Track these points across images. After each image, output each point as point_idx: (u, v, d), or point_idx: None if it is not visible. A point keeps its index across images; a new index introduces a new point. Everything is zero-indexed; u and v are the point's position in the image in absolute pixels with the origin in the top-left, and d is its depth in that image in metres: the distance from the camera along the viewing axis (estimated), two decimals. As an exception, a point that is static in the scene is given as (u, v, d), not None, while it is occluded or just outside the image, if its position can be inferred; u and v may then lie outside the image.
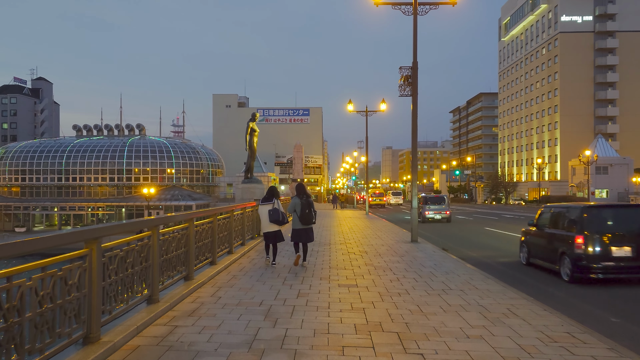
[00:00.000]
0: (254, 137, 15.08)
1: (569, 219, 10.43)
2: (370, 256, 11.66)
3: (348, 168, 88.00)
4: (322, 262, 10.58)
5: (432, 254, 12.30)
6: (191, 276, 7.68)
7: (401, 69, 15.16)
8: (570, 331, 5.57)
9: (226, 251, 10.46)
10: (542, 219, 11.71)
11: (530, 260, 11.98)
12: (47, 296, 3.85)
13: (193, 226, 7.67)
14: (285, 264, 10.23)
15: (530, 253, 11.98)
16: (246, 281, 8.30)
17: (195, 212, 8.08)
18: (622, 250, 9.54)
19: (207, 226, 8.82)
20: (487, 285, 8.28)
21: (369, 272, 9.43)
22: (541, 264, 11.35)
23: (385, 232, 19.05)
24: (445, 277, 8.99)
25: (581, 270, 9.59)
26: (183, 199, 63.17)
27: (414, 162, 15.51)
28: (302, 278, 8.69)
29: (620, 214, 10.70)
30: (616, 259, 9.53)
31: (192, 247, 7.67)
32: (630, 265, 9.57)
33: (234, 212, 11.07)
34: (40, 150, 70.34)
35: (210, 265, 9.03)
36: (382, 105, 32.89)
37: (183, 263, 7.42)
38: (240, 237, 12.11)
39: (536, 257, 11.65)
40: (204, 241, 8.63)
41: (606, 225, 10.01)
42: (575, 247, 9.69)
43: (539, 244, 11.60)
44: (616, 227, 10.01)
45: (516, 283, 9.18)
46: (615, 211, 11.00)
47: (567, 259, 9.95)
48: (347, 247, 13.59)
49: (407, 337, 5.27)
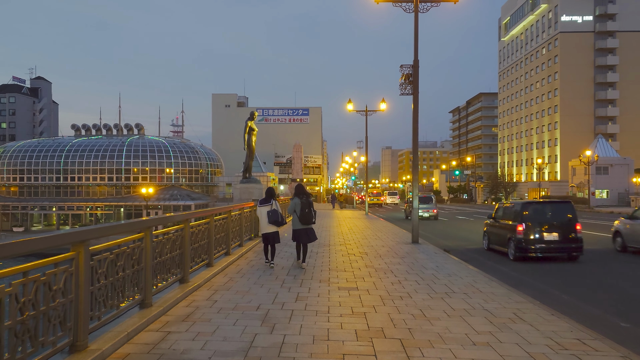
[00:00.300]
0: (252, 136, 14.83)
1: (514, 212, 13.23)
2: (370, 258, 11.43)
3: (347, 168, 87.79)
4: (321, 264, 10.34)
5: (433, 255, 12.07)
6: (186, 279, 7.44)
7: (402, 67, 14.92)
8: (581, 337, 5.34)
9: (223, 252, 10.22)
10: (497, 214, 14.56)
11: (490, 246, 14.89)
12: (28, 303, 3.62)
13: (188, 227, 7.44)
14: (283, 266, 9.99)
15: (490, 240, 14.91)
16: (243, 284, 8.07)
17: (191, 213, 7.84)
18: (552, 236, 12.53)
19: (204, 227, 8.58)
20: (491, 288, 8.05)
21: (370, 274, 9.20)
22: (497, 248, 14.19)
23: (386, 232, 18.82)
24: (447, 279, 8.77)
25: (521, 251, 12.55)
26: (182, 198, 62.93)
27: (415, 162, 15.28)
28: (300, 281, 8.45)
29: (551, 208, 13.44)
30: (547, 242, 12.49)
31: (188, 248, 7.43)
32: (557, 246, 12.56)
33: (232, 213, 10.84)
34: (38, 149, 70.04)
35: (207, 267, 8.79)
36: (382, 105, 32.68)
37: (178, 265, 7.16)
38: (238, 238, 11.87)
39: (494, 243, 14.52)
40: (200, 242, 8.40)
41: (540, 217, 12.83)
42: (517, 233, 12.59)
43: (495, 233, 14.44)
44: (547, 218, 12.86)
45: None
46: (547, 206, 13.64)
47: (512, 243, 12.86)
48: (347, 248, 13.36)
49: (411, 344, 5.04)
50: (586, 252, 13.22)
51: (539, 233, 12.43)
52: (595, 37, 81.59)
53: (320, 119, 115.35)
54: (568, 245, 12.53)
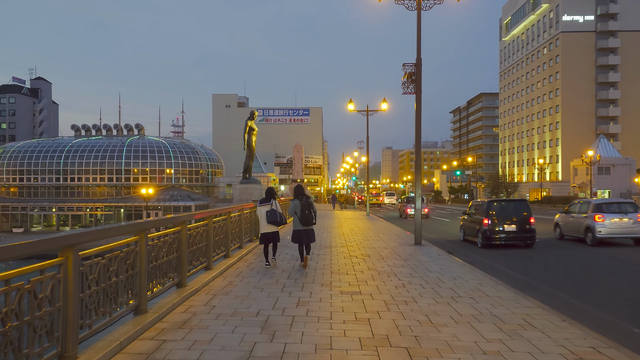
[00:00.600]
0: (252, 136, 14.59)
1: (481, 208, 16.16)
2: (373, 260, 11.19)
3: (348, 168, 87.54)
4: (322, 267, 10.10)
5: (437, 257, 11.83)
6: (184, 283, 7.21)
7: (404, 66, 14.68)
8: (595, 345, 5.10)
9: (222, 255, 9.99)
10: (470, 210, 17.46)
11: (465, 238, 17.64)
12: (11, 313, 3.37)
13: (186, 229, 7.20)
14: (284, 269, 9.76)
15: (465, 233, 17.70)
16: (243, 288, 7.83)
17: (188, 215, 7.62)
18: (511, 227, 15.35)
19: (202, 229, 8.36)
20: (497, 292, 7.81)
21: (373, 277, 8.96)
22: (470, 239, 17.01)
23: (387, 234, 18.58)
24: (453, 282, 8.53)
25: (487, 240, 15.44)
26: (182, 199, 62.72)
27: (418, 162, 15.03)
28: (302, 284, 8.21)
29: (510, 204, 16.72)
30: (507, 232, 15.34)
31: (185, 251, 7.20)
32: (515, 236, 15.43)
33: (231, 214, 10.61)
34: (38, 150, 69.83)
35: (205, 271, 8.56)
36: (383, 105, 32.44)
37: (175, 269, 6.91)
38: (238, 240, 11.64)
39: (468, 234, 17.30)
40: (198, 245, 8.16)
41: (501, 212, 15.69)
42: (483, 225, 15.50)
43: (468, 226, 17.24)
44: (507, 213, 15.67)
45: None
46: (507, 203, 17.15)
47: (480, 233, 15.76)
48: (348, 250, 13.12)
49: (418, 353, 4.80)
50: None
51: (500, 225, 15.31)
52: (597, 37, 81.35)
53: (321, 119, 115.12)
54: (524, 235, 15.39)
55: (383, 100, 32.41)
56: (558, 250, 15.46)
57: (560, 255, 14.42)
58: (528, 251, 15.06)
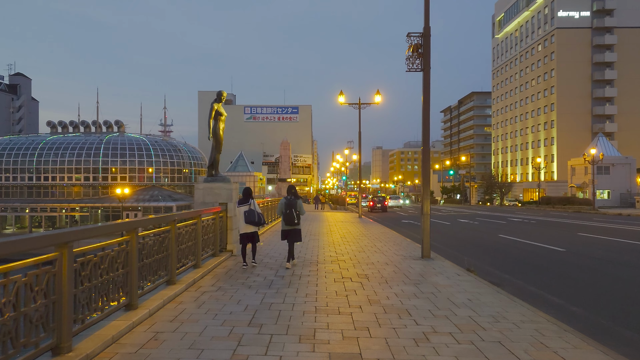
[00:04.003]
0: (219, 122, 11.61)
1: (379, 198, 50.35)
2: (374, 284, 8.30)
3: (338, 168, 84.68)
4: (304, 300, 7.09)
5: (456, 279, 8.98)
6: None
7: (409, 37, 11.84)
8: None
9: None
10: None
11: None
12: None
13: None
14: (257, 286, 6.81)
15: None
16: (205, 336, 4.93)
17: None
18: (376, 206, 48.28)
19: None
20: (566, 342, 4.99)
21: (377, 319, 6.07)
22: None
23: (386, 241, 15.72)
24: (496, 327, 5.70)
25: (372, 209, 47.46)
26: (163, 199, 59.46)
27: (426, 157, 12.18)
28: (268, 339, 5.28)
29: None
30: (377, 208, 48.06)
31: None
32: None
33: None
34: (10, 147, 66.02)
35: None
36: (377, 97, 29.66)
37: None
38: (194, 257, 8.72)
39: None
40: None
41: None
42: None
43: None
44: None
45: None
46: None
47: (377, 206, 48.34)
48: (340, 267, 10.22)
49: None
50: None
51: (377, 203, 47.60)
52: (593, 33, 79.43)
53: (310, 117, 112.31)
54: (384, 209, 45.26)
55: (377, 93, 29.65)
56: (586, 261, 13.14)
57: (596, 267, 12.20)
58: (555, 264, 12.64)
